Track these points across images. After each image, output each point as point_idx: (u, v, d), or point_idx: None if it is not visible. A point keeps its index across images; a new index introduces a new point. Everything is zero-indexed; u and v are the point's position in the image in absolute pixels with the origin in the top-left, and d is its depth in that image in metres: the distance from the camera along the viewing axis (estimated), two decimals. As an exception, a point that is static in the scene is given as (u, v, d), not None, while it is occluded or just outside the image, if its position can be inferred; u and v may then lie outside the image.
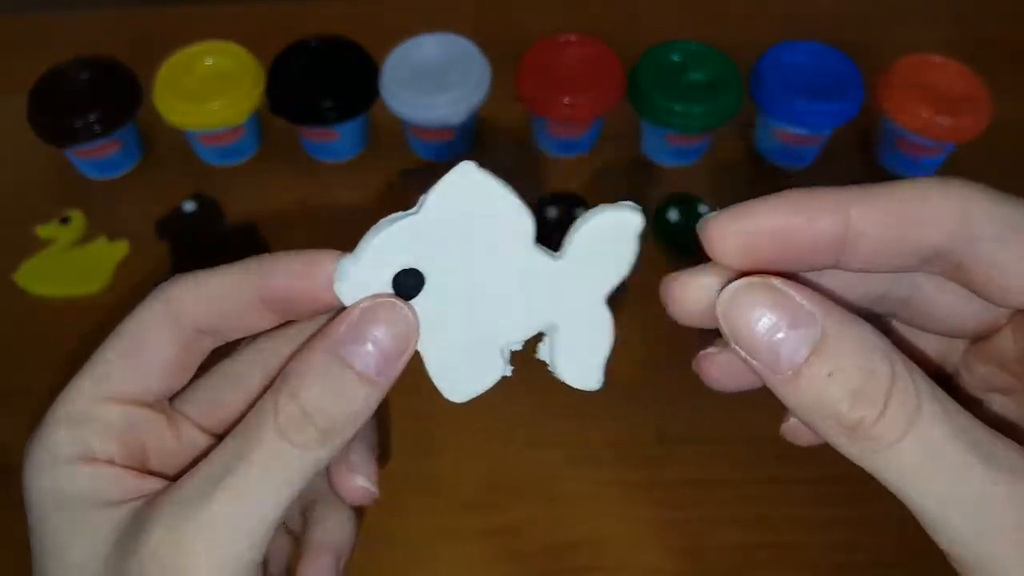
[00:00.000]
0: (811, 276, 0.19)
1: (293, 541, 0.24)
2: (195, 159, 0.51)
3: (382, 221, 0.18)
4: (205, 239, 0.47)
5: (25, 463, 0.19)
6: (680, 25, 0.59)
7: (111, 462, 0.18)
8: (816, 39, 0.50)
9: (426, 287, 0.18)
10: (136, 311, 0.19)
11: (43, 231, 0.48)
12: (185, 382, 0.20)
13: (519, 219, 0.18)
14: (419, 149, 0.51)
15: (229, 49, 0.50)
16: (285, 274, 0.18)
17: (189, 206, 0.48)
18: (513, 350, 0.19)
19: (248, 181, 0.51)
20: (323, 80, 0.48)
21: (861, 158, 0.51)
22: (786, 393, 0.16)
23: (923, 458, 0.16)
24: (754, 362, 0.16)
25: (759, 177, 0.51)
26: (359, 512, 0.23)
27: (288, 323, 0.20)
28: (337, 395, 0.17)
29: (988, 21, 0.60)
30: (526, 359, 0.46)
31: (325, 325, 0.18)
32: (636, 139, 0.52)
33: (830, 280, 0.19)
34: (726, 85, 0.47)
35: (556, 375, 0.20)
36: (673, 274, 0.18)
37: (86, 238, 0.48)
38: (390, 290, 0.18)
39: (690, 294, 0.18)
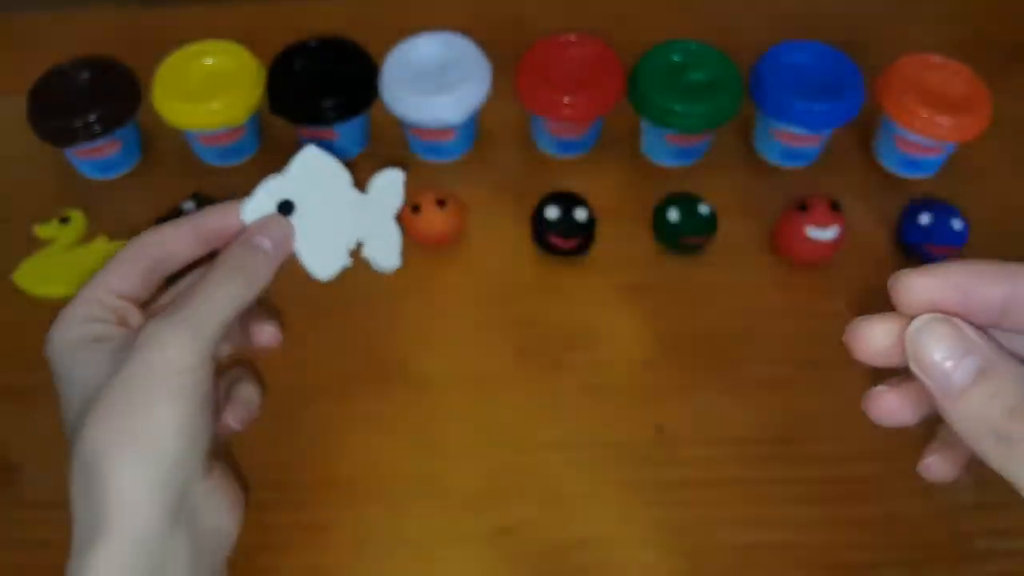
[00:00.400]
0: None
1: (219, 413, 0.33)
2: (195, 159, 0.52)
3: (265, 179, 0.30)
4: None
5: (52, 332, 0.28)
6: (680, 25, 0.59)
7: (108, 321, 0.28)
8: (816, 39, 0.50)
9: (296, 211, 0.30)
10: (120, 250, 0.29)
11: (43, 231, 0.48)
12: (150, 294, 0.30)
13: (341, 174, 0.32)
14: (419, 149, 0.51)
15: (229, 49, 0.50)
16: (213, 215, 0.30)
17: (189, 206, 0.48)
18: (351, 248, 0.31)
19: (248, 181, 0.49)
20: (323, 80, 0.48)
21: (861, 157, 0.52)
22: (952, 409, 0.21)
23: None
24: (929, 383, 0.21)
25: (759, 177, 0.51)
26: (264, 394, 0.32)
27: (211, 255, 0.30)
28: (252, 259, 0.28)
29: (987, 20, 0.60)
30: (526, 363, 0.45)
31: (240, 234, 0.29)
32: (636, 139, 0.52)
33: None
34: (726, 85, 0.47)
35: (372, 264, 0.32)
36: (858, 319, 0.23)
37: (86, 238, 0.48)
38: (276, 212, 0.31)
39: (875, 336, 0.23)
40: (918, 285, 0.22)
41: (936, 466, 0.26)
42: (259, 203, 0.31)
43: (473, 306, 0.45)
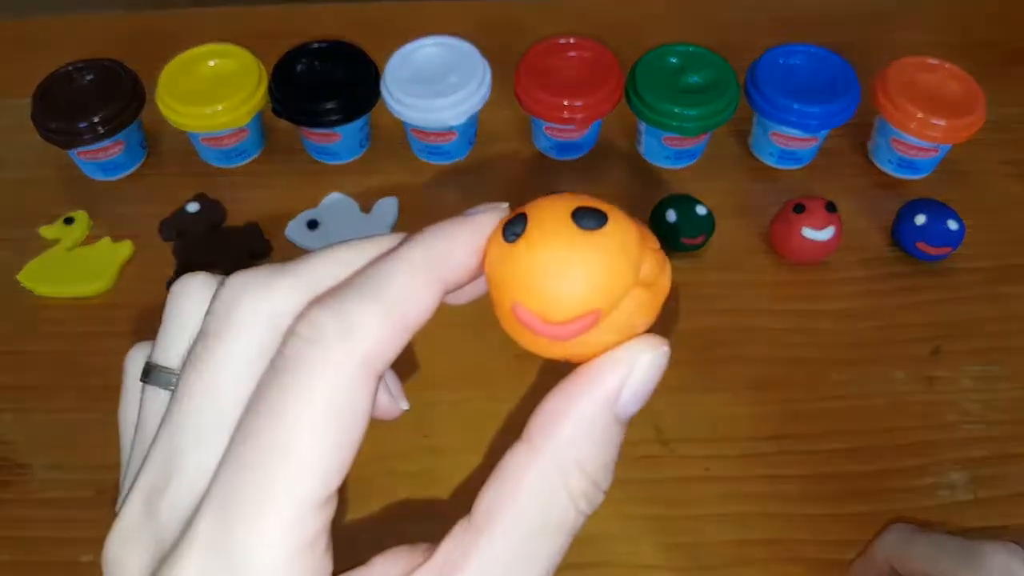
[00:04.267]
0: None
1: None
2: (198, 160, 0.52)
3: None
4: (208, 239, 0.48)
5: None
6: (677, 28, 0.60)
7: None
8: (812, 42, 0.50)
9: (319, 227, 0.47)
10: None
11: (47, 231, 0.48)
12: None
13: (353, 204, 0.47)
14: (420, 150, 0.52)
15: (232, 51, 0.50)
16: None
17: (192, 207, 0.48)
18: None
19: (251, 182, 0.51)
20: (325, 83, 0.49)
21: (857, 159, 0.52)
22: None
23: None
24: None
25: (756, 178, 0.51)
26: None
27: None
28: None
29: (981, 23, 0.61)
30: (526, 362, 0.45)
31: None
32: (634, 141, 0.52)
33: None
34: (723, 88, 0.48)
35: None
36: None
37: (90, 239, 0.48)
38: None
39: None
40: None
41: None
42: (297, 223, 0.47)
43: (473, 306, 0.46)
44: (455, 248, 0.17)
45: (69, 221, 0.48)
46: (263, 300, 0.16)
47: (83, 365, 0.44)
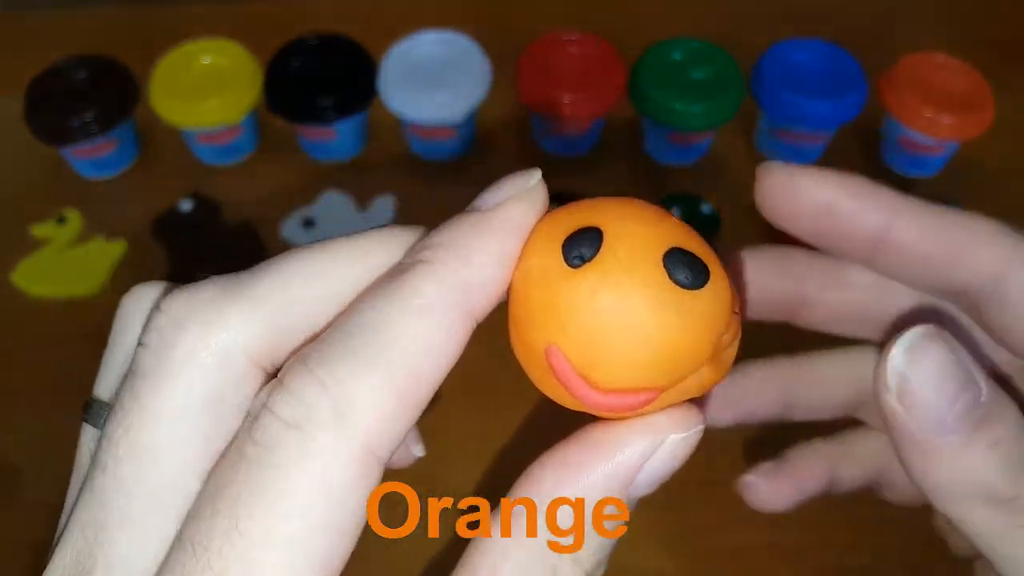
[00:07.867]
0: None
1: None
2: (192, 158, 0.51)
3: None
4: (202, 239, 0.47)
5: None
6: (681, 23, 0.59)
7: None
8: (819, 37, 0.50)
9: (315, 226, 0.45)
10: None
11: (39, 231, 0.47)
12: None
13: (348, 203, 0.46)
14: (418, 148, 0.51)
15: (226, 47, 0.49)
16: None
17: (186, 205, 0.48)
18: None
19: (246, 180, 0.50)
20: (321, 78, 0.48)
21: (864, 156, 0.51)
22: (935, 463, 0.15)
23: None
24: (907, 425, 0.15)
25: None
26: None
27: None
28: None
29: (991, 20, 0.60)
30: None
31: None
32: (637, 137, 0.52)
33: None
34: (727, 83, 0.47)
35: None
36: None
37: (82, 238, 0.47)
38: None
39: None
40: (784, 186, 0.17)
41: (762, 487, 0.22)
42: (293, 221, 0.46)
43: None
44: (483, 266, 0.13)
45: (61, 220, 0.47)
46: (212, 333, 0.13)
47: (76, 367, 0.43)
